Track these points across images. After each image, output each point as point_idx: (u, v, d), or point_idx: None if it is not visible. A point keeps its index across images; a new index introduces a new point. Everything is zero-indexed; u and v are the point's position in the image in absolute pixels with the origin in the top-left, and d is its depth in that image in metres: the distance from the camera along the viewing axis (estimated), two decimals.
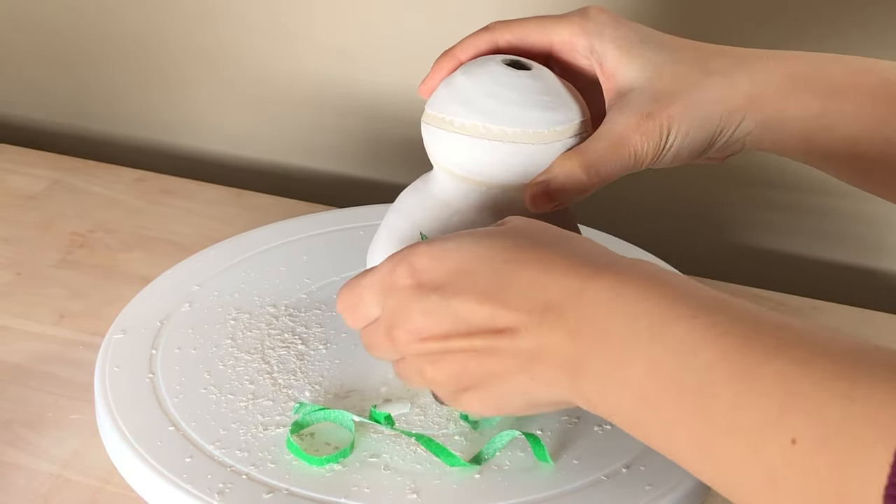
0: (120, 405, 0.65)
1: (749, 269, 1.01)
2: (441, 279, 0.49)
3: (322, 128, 1.11)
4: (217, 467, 0.60)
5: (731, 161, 1.00)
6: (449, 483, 0.60)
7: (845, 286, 0.99)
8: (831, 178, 0.98)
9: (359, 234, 0.83)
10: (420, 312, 0.49)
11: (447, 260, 0.49)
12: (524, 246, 0.48)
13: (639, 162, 0.58)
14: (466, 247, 0.49)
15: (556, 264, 0.47)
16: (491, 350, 0.48)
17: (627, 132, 0.57)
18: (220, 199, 0.99)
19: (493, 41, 0.61)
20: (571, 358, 0.45)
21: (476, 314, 0.48)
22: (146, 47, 1.13)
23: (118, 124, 1.19)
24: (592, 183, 0.57)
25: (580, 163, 0.57)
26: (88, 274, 0.87)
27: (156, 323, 0.72)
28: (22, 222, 0.95)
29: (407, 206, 0.63)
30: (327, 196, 1.07)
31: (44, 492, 0.65)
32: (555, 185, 0.58)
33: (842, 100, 0.58)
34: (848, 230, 0.99)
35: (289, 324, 0.73)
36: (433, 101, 0.61)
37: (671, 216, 1.03)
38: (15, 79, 1.21)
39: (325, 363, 0.69)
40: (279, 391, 0.66)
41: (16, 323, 0.81)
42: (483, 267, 0.48)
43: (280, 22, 1.07)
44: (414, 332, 0.50)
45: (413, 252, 0.50)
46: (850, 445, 0.36)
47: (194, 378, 0.67)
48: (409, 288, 0.50)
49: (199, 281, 0.77)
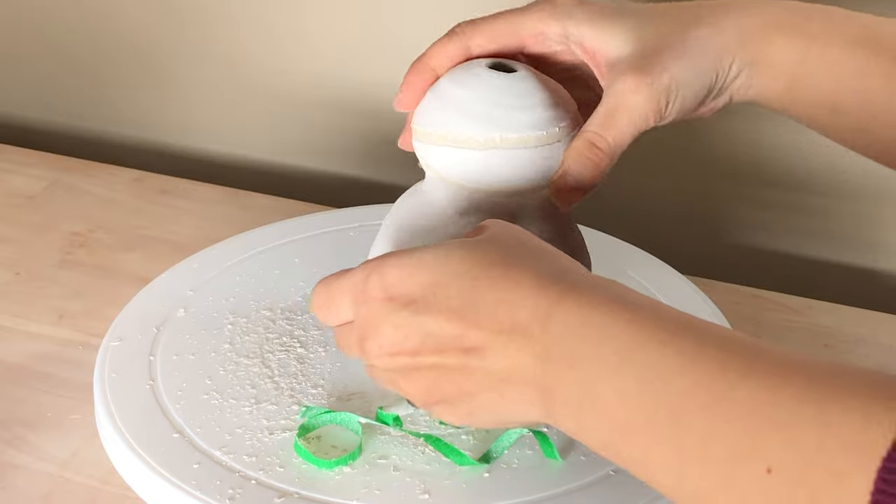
0: (123, 414, 0.64)
1: (749, 269, 1.01)
2: (412, 293, 0.49)
3: (321, 128, 1.11)
4: (226, 473, 0.60)
5: (732, 161, 1.00)
6: (459, 482, 0.60)
7: (845, 286, 0.99)
8: (831, 179, 0.98)
9: (349, 235, 0.83)
10: (391, 327, 0.49)
11: (418, 274, 0.49)
12: (495, 261, 0.48)
13: (645, 120, 0.57)
14: (438, 260, 0.49)
15: (525, 283, 0.46)
16: (461, 368, 0.48)
17: (624, 95, 0.56)
18: (219, 199, 0.99)
19: (464, 46, 0.60)
20: (541, 381, 0.45)
21: (446, 332, 0.48)
22: (145, 48, 1.13)
23: (117, 125, 1.19)
24: (604, 157, 0.57)
25: (585, 144, 0.57)
26: (88, 274, 0.87)
27: (152, 329, 0.72)
28: (21, 222, 0.94)
29: (404, 213, 0.63)
30: (326, 196, 1.07)
31: (43, 492, 0.65)
32: (572, 176, 0.57)
33: (823, 46, 0.58)
34: (847, 230, 0.99)
35: (286, 327, 0.72)
36: (426, 118, 0.60)
37: (671, 216, 1.03)
38: (15, 79, 1.21)
39: (325, 366, 0.69)
40: (282, 395, 0.66)
41: (15, 323, 0.81)
42: (454, 282, 0.48)
43: (279, 22, 1.07)
44: (385, 346, 0.50)
45: (385, 263, 0.50)
46: (829, 474, 0.36)
47: (195, 384, 0.67)
48: (380, 300, 0.49)
49: (192, 286, 0.76)
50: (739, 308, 0.83)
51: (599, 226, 0.82)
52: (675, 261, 0.79)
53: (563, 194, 0.58)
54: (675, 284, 0.77)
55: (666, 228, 1.03)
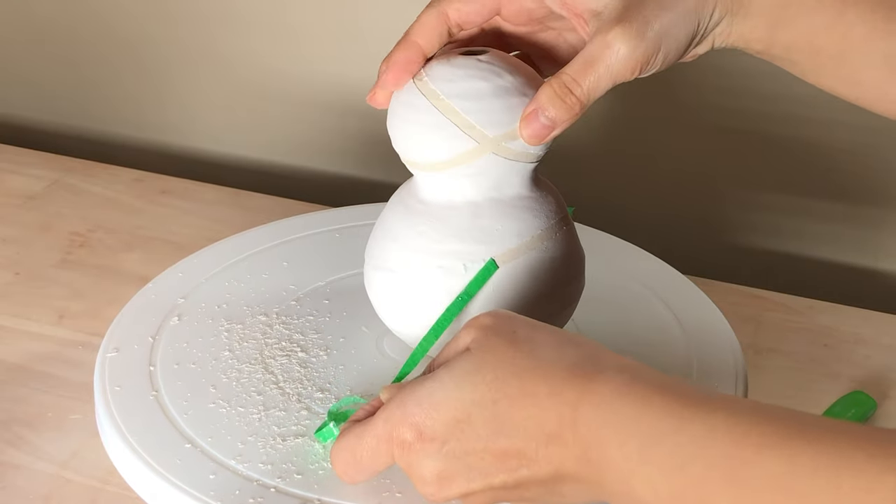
0: (130, 427, 0.63)
1: (749, 269, 1.01)
2: (441, 433, 0.50)
3: (321, 128, 1.11)
4: (243, 482, 0.59)
5: (732, 161, 1.01)
6: None
7: (845, 286, 0.99)
8: (830, 179, 0.98)
9: (335, 236, 0.82)
10: (432, 471, 0.51)
11: (440, 412, 0.50)
12: (505, 377, 0.50)
13: (625, 71, 0.57)
14: (453, 394, 0.50)
15: (542, 394, 0.48)
16: (514, 485, 0.50)
17: (606, 45, 0.56)
18: (219, 200, 0.99)
19: (442, 13, 0.60)
20: (588, 478, 0.48)
21: (486, 461, 0.50)
22: (145, 48, 1.13)
23: (117, 125, 1.19)
24: (576, 103, 0.57)
25: (560, 86, 0.57)
26: (88, 274, 0.87)
27: (147, 339, 0.70)
28: (21, 222, 0.94)
29: (396, 208, 0.64)
30: (326, 196, 1.07)
31: (43, 492, 0.65)
32: (543, 113, 0.57)
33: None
34: (847, 231, 0.99)
35: (284, 331, 0.71)
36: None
37: (671, 216, 1.03)
38: (15, 79, 1.21)
39: (329, 369, 0.68)
40: (289, 401, 0.65)
41: (15, 323, 0.81)
42: (476, 413, 0.50)
43: (279, 22, 1.07)
44: (434, 486, 0.52)
45: (406, 408, 0.51)
46: None
47: (200, 393, 0.66)
48: (415, 443, 0.51)
49: (182, 294, 0.75)
50: (739, 308, 0.83)
51: (600, 226, 0.82)
52: (675, 261, 0.79)
53: (531, 129, 0.58)
54: (675, 284, 0.77)
55: (666, 228, 1.03)
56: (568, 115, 0.57)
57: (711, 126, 0.99)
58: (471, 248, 0.60)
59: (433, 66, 0.60)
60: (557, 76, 0.57)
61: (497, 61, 0.60)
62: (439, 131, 0.59)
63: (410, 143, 0.60)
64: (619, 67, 0.56)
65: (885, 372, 0.78)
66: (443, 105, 0.59)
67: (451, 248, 0.60)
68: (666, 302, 0.74)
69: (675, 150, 1.02)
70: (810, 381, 0.77)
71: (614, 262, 0.78)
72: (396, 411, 0.52)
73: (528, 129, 0.58)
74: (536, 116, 0.58)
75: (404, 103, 0.60)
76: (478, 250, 0.60)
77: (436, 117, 0.59)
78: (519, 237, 0.60)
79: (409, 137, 0.60)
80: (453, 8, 0.60)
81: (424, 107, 0.59)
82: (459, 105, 0.58)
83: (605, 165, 1.04)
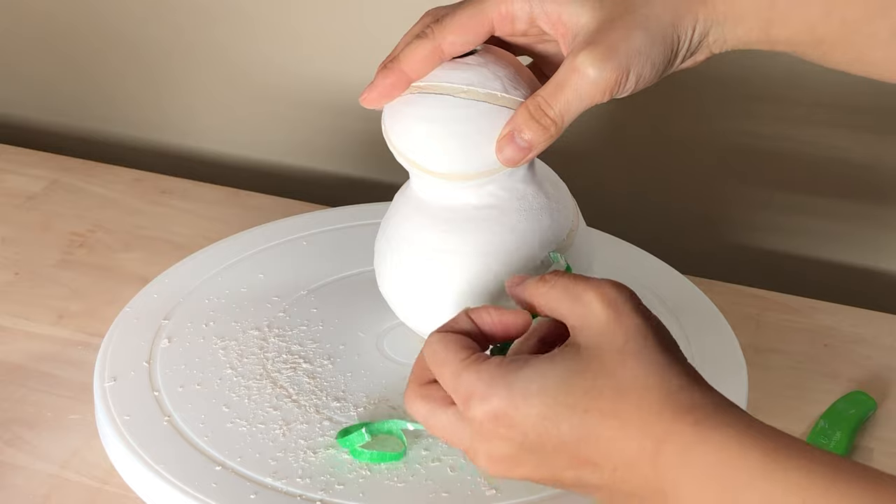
0: (153, 455, 0.61)
1: (749, 269, 1.01)
2: (524, 426, 0.50)
3: (320, 128, 1.11)
4: (286, 499, 0.58)
5: (732, 161, 1.00)
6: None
7: (845, 286, 0.99)
8: (830, 180, 0.98)
9: (302, 244, 0.82)
10: (503, 453, 0.50)
11: (531, 405, 0.49)
12: (602, 389, 0.49)
13: (594, 94, 0.57)
14: (550, 392, 0.49)
15: (631, 422, 0.48)
16: (582, 484, 0.50)
17: (575, 69, 0.56)
18: (218, 199, 0.99)
19: (436, 47, 0.60)
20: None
21: (562, 460, 0.50)
22: (145, 48, 1.13)
23: (117, 124, 1.18)
24: (551, 125, 0.57)
25: (535, 107, 0.57)
26: (87, 274, 0.87)
27: (142, 364, 0.68)
28: (21, 222, 0.94)
29: (399, 208, 0.65)
30: (325, 196, 1.06)
31: (43, 492, 0.65)
32: (519, 135, 0.58)
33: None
34: (848, 230, 0.99)
35: (281, 344, 0.70)
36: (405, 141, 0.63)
37: (671, 216, 1.03)
38: (14, 79, 1.21)
39: (338, 378, 0.67)
40: (307, 413, 0.64)
41: (15, 323, 0.81)
42: (565, 415, 0.49)
43: (279, 23, 1.07)
44: (498, 466, 0.51)
45: (493, 395, 0.50)
46: None
47: (214, 414, 0.64)
48: (497, 428, 0.50)
49: (164, 314, 0.73)
50: (739, 308, 0.83)
51: (600, 226, 0.82)
52: (675, 261, 0.79)
53: (508, 151, 0.59)
54: (675, 284, 0.77)
55: (666, 228, 1.03)
56: (544, 137, 0.58)
57: (711, 126, 0.99)
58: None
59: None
60: (533, 97, 0.58)
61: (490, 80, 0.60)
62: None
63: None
64: (588, 90, 0.56)
65: (885, 372, 0.78)
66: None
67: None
68: (666, 302, 0.74)
69: (675, 151, 1.01)
70: (810, 380, 0.77)
71: (615, 262, 0.78)
72: (490, 391, 0.50)
73: (505, 152, 0.59)
74: (513, 138, 0.58)
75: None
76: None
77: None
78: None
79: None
80: (447, 42, 0.60)
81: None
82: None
83: (605, 165, 1.04)
